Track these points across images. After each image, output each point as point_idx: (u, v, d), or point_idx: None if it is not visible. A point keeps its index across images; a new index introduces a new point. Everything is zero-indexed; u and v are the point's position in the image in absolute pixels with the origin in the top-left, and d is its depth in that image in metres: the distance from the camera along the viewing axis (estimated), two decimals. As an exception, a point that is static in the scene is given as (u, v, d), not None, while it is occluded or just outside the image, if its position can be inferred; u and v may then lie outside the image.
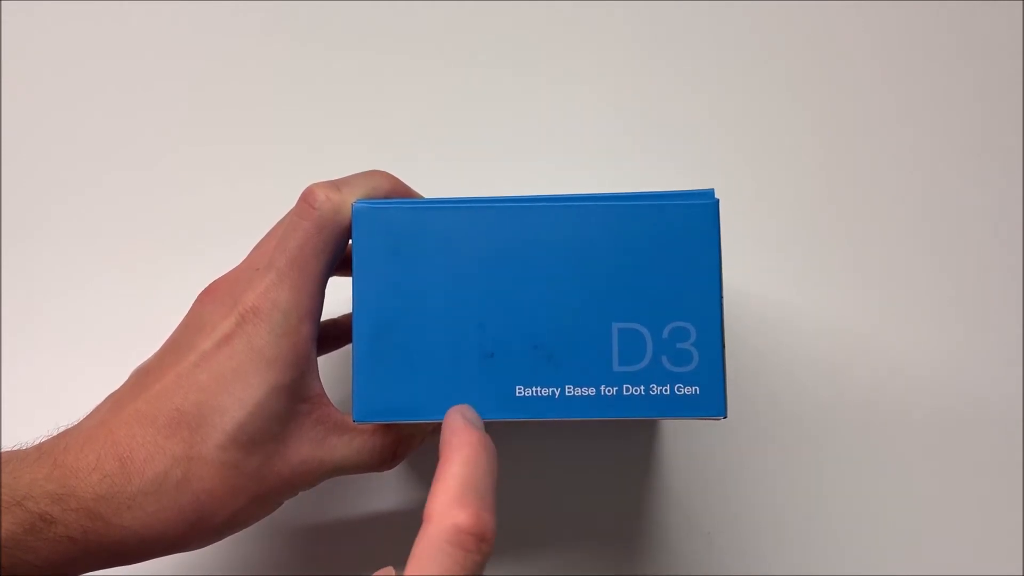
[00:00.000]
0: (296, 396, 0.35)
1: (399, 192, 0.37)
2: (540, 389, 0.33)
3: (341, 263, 0.37)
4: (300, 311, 0.34)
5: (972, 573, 0.47)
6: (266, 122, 0.49)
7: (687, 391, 0.33)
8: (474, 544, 0.27)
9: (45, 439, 0.35)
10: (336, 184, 0.35)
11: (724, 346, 0.33)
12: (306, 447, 0.35)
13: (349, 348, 0.36)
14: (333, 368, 0.46)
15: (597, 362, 0.33)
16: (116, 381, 0.37)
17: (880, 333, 0.48)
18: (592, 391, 0.33)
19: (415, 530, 0.28)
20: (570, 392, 0.33)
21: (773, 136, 0.49)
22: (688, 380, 0.33)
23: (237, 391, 0.33)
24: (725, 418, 0.33)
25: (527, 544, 0.47)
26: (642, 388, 0.33)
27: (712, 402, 0.33)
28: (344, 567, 0.46)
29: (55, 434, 0.35)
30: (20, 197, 0.49)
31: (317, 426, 0.35)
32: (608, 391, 0.33)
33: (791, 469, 0.47)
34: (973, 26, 0.49)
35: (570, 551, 0.47)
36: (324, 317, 0.38)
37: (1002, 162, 0.49)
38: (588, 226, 0.33)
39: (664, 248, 0.33)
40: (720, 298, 0.33)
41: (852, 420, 0.47)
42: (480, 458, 0.29)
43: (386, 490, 0.47)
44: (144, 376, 0.35)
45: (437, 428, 0.32)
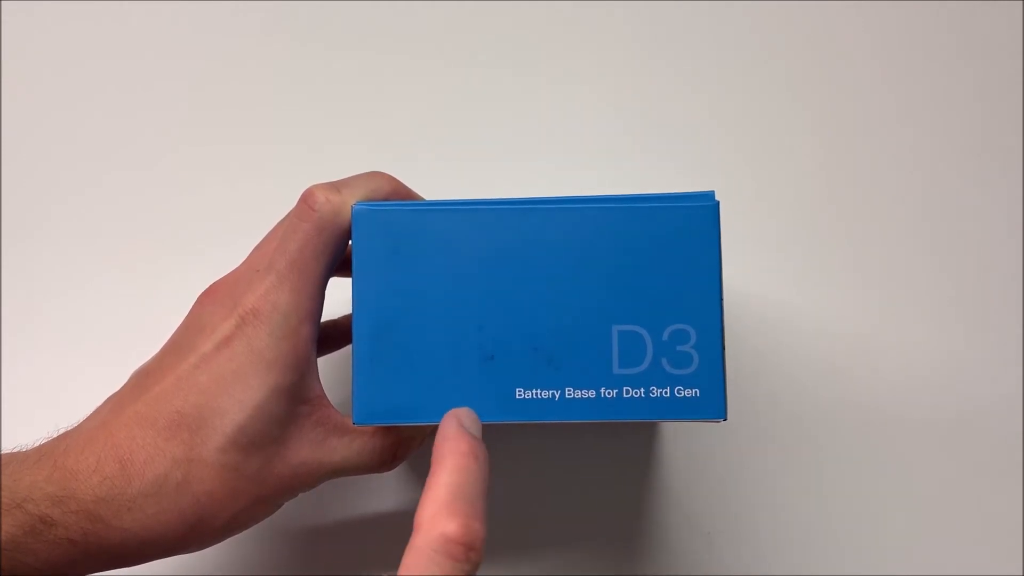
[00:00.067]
0: (296, 398, 0.35)
1: (399, 193, 0.37)
2: (540, 391, 0.33)
3: (341, 264, 0.37)
4: (300, 313, 0.34)
5: (972, 573, 0.47)
6: (266, 122, 0.49)
7: (687, 393, 0.33)
8: (463, 553, 0.27)
9: (45, 441, 0.35)
10: (336, 186, 0.35)
11: (724, 348, 0.33)
12: (306, 449, 0.35)
13: (349, 349, 0.36)
14: (333, 369, 0.46)
15: (597, 364, 0.33)
16: (116, 381, 0.37)
17: (880, 333, 0.48)
18: (592, 393, 0.33)
19: (414, 531, 0.28)
20: (570, 394, 0.33)
21: (773, 136, 0.49)
22: (688, 382, 0.33)
23: (237, 393, 0.33)
24: (725, 420, 0.33)
25: (527, 544, 0.47)
26: (642, 390, 0.33)
27: (712, 404, 0.33)
28: (344, 568, 0.46)
29: (55, 436, 0.35)
30: (20, 197, 0.49)
31: (317, 428, 0.35)
32: (608, 393, 0.33)
33: (791, 469, 0.47)
34: (973, 26, 0.49)
35: (570, 551, 0.47)
36: (324, 318, 0.38)
37: (1002, 162, 0.49)
38: (588, 228, 0.33)
39: (664, 250, 0.33)
40: (720, 300, 0.33)
41: (852, 420, 0.47)
42: (470, 467, 0.29)
43: (386, 491, 0.47)
44: (144, 378, 0.35)
45: (436, 430, 0.32)
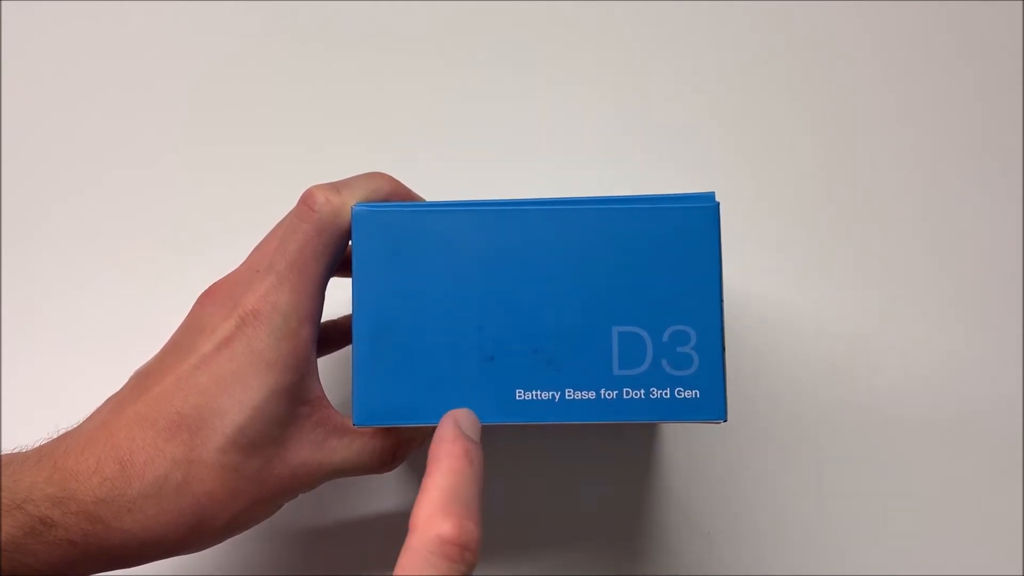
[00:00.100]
0: (296, 399, 0.35)
1: (399, 194, 0.37)
2: (540, 392, 0.33)
3: (341, 264, 0.37)
4: (300, 314, 0.34)
5: (972, 573, 0.47)
6: (266, 122, 0.49)
7: (687, 395, 0.33)
8: (458, 554, 0.27)
9: (45, 442, 0.35)
10: (336, 186, 0.35)
11: (724, 349, 0.33)
12: (306, 449, 0.35)
13: (349, 350, 0.36)
14: (333, 370, 0.46)
15: (597, 366, 0.33)
16: (116, 381, 0.37)
17: (880, 333, 0.48)
18: (592, 395, 0.33)
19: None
20: (570, 396, 0.33)
21: (773, 136, 0.49)
22: (688, 384, 0.33)
23: (237, 394, 0.33)
24: (725, 422, 0.33)
25: (527, 544, 0.47)
26: (642, 392, 0.33)
27: (712, 406, 0.33)
28: (344, 569, 0.46)
29: (55, 437, 0.35)
30: (20, 197, 0.49)
31: (317, 428, 0.35)
32: (608, 395, 0.33)
33: (791, 469, 0.47)
34: (973, 26, 0.49)
35: (570, 551, 0.47)
36: (324, 318, 0.38)
37: (1002, 162, 0.49)
38: (588, 229, 0.33)
39: (664, 251, 0.33)
40: (720, 301, 0.33)
41: (852, 420, 0.47)
42: (464, 469, 0.29)
43: (386, 492, 0.47)
44: (144, 378, 0.35)
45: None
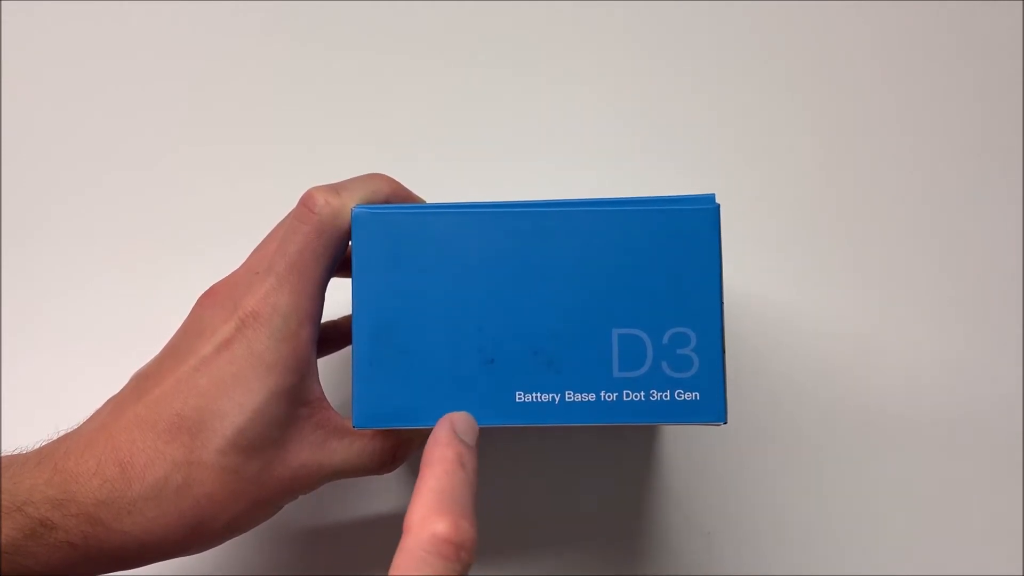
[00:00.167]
0: (296, 400, 0.35)
1: (399, 195, 0.37)
2: (540, 395, 0.33)
3: (341, 264, 0.37)
4: (300, 315, 0.34)
5: (972, 573, 0.47)
6: (266, 122, 0.49)
7: (687, 397, 0.33)
8: (453, 553, 0.27)
9: (45, 443, 0.35)
10: (335, 188, 0.35)
11: (724, 351, 0.33)
12: (306, 451, 0.35)
13: (349, 351, 0.36)
14: (333, 371, 0.46)
15: (597, 368, 0.33)
16: (116, 382, 0.37)
17: (880, 333, 0.48)
18: (592, 397, 0.33)
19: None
20: (570, 398, 0.33)
21: (773, 136, 0.49)
22: (688, 386, 0.33)
23: (237, 396, 0.33)
24: (725, 424, 0.33)
25: (527, 544, 0.47)
26: (642, 394, 0.33)
27: (712, 408, 0.33)
28: (344, 569, 0.46)
29: (55, 438, 0.35)
30: (20, 197, 0.49)
31: (317, 430, 0.35)
32: (608, 397, 0.33)
33: (791, 469, 0.47)
34: (973, 26, 0.49)
35: (570, 551, 0.47)
36: (324, 319, 0.38)
37: (1002, 162, 0.48)
38: (588, 231, 0.33)
39: (664, 253, 0.33)
40: (720, 303, 0.33)
41: (852, 420, 0.47)
42: (457, 472, 0.29)
43: (386, 493, 0.47)
44: (144, 380, 0.35)
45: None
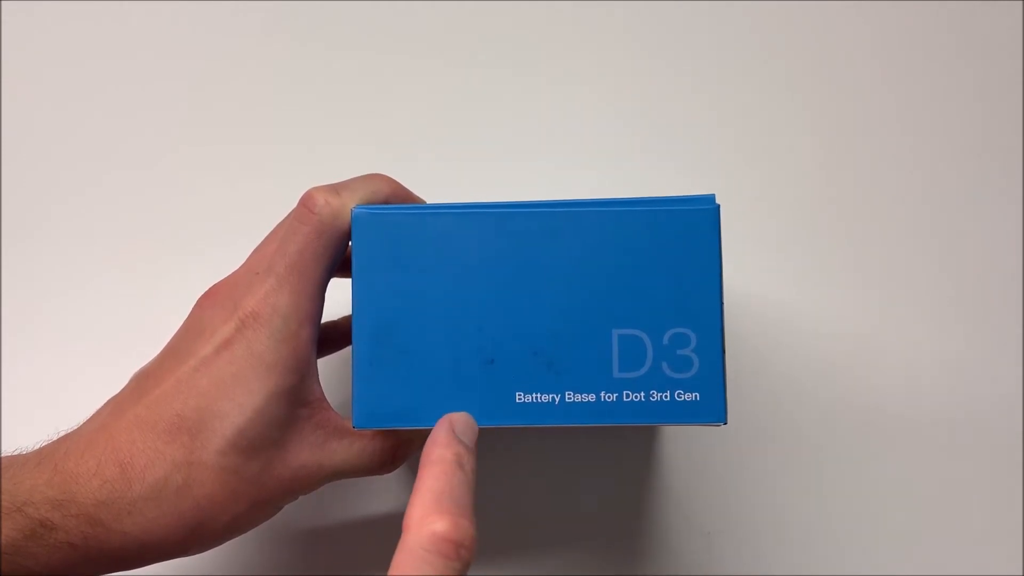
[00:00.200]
0: (296, 401, 0.35)
1: (399, 196, 0.37)
2: (540, 395, 0.33)
3: (341, 264, 0.37)
4: (300, 316, 0.34)
5: (972, 573, 0.47)
6: (266, 122, 0.49)
7: (687, 397, 0.33)
8: (453, 551, 0.27)
9: (45, 444, 0.35)
10: (335, 188, 0.35)
11: (724, 352, 0.33)
12: (306, 451, 0.35)
13: (349, 351, 0.36)
14: (333, 371, 0.46)
15: (597, 368, 0.33)
16: (116, 382, 0.37)
17: (880, 333, 0.48)
18: (592, 397, 0.33)
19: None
20: (570, 398, 0.33)
21: (773, 136, 0.49)
22: (688, 386, 0.33)
23: (237, 396, 0.33)
24: (725, 424, 0.33)
25: (527, 544, 0.47)
26: (642, 394, 0.33)
27: (712, 408, 0.33)
28: (344, 569, 0.46)
29: (55, 439, 0.35)
30: (20, 197, 0.49)
31: (317, 430, 0.35)
32: (608, 397, 0.33)
33: (791, 469, 0.47)
34: (973, 26, 0.49)
35: (570, 551, 0.47)
36: (324, 319, 0.38)
37: (1002, 162, 0.48)
38: (588, 231, 0.33)
39: (664, 253, 0.33)
40: (720, 304, 0.33)
41: (852, 420, 0.47)
42: (455, 473, 0.29)
43: (386, 493, 0.47)
44: (144, 380, 0.35)
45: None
